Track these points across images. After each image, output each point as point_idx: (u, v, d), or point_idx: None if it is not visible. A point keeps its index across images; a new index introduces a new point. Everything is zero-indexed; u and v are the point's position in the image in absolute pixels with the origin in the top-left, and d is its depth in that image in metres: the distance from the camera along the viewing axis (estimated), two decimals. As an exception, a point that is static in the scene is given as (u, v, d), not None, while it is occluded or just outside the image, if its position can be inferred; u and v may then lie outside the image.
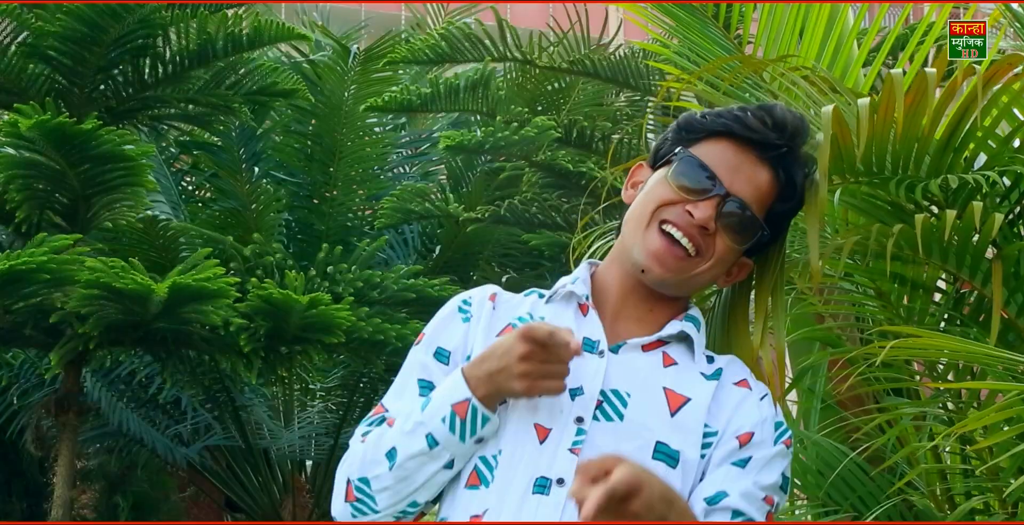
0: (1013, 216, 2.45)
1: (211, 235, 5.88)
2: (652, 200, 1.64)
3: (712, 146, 1.65)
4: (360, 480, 1.58)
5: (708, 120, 1.66)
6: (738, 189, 1.62)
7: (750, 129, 1.63)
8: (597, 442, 1.56)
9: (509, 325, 1.66)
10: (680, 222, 1.61)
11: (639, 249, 1.63)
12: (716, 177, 1.62)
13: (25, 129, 4.59)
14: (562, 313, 1.67)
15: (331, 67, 6.67)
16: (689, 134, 1.67)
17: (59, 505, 5.20)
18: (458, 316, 1.70)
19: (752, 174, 1.64)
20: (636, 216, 1.66)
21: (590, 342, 1.63)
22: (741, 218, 1.62)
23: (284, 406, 7.67)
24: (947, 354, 2.42)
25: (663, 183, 1.65)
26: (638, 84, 6.25)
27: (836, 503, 2.99)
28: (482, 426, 1.54)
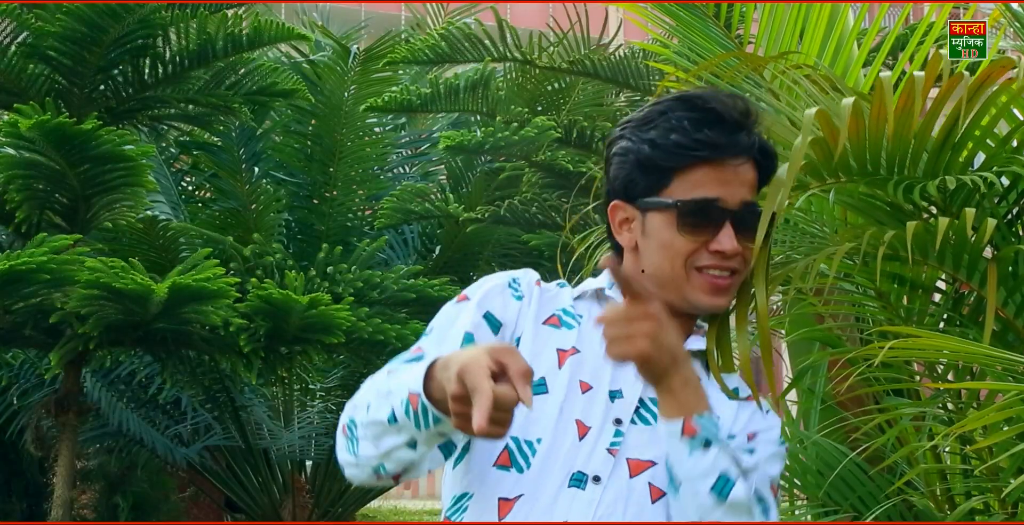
0: (1011, 217, 2.45)
1: (211, 235, 5.89)
2: (676, 255, 1.63)
3: (692, 175, 1.63)
4: (349, 419, 1.58)
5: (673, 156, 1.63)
6: (739, 197, 1.63)
7: (721, 149, 1.62)
8: (632, 444, 1.59)
9: (554, 316, 1.67)
10: (714, 263, 1.62)
11: (694, 295, 1.63)
12: (716, 202, 1.61)
13: (25, 129, 4.59)
14: (594, 312, 1.67)
15: (331, 67, 6.68)
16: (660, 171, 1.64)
17: (59, 505, 5.21)
18: (509, 291, 1.67)
19: (740, 177, 1.64)
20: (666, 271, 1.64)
21: None
22: (754, 220, 1.62)
23: (284, 406, 7.67)
24: (947, 354, 2.42)
25: (674, 234, 1.63)
26: (638, 84, 6.25)
27: (836, 503, 2.99)
28: (435, 423, 1.49)
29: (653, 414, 1.61)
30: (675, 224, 1.63)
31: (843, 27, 2.96)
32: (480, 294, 1.67)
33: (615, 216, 1.70)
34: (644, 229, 1.66)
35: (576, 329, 1.67)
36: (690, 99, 1.66)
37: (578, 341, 1.65)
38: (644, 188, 1.66)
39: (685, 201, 1.62)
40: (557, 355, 1.64)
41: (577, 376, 1.62)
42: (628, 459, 1.59)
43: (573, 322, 1.68)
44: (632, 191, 1.67)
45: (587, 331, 1.66)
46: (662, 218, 1.64)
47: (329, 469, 7.45)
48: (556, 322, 1.67)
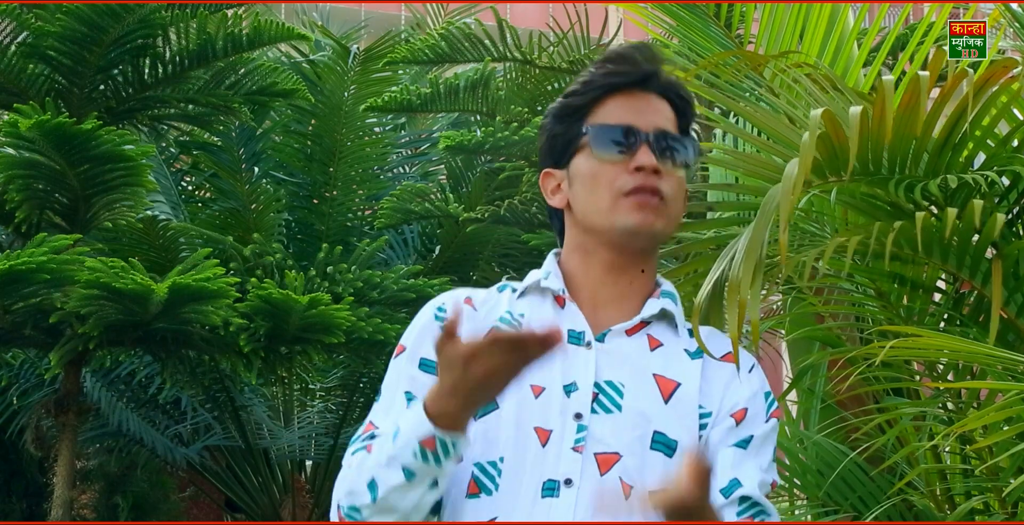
0: (1012, 216, 2.45)
1: (211, 235, 5.88)
2: (600, 182, 1.64)
3: (602, 109, 1.68)
4: (349, 508, 1.56)
5: (582, 95, 1.70)
6: (654, 124, 1.66)
7: (624, 75, 1.68)
8: (597, 435, 1.56)
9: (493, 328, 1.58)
10: (637, 182, 1.62)
11: (622, 218, 1.62)
12: (630, 126, 1.65)
13: (25, 129, 4.59)
14: (539, 307, 1.66)
15: (331, 67, 6.67)
16: (572, 116, 1.70)
17: (59, 505, 5.20)
18: (435, 325, 1.65)
19: (652, 107, 1.68)
20: (594, 202, 1.65)
21: (575, 334, 1.62)
22: (675, 145, 1.66)
23: (284, 406, 7.67)
24: (947, 354, 2.42)
25: (594, 163, 1.66)
26: (638, 84, 6.24)
27: (836, 503, 2.99)
28: (455, 450, 1.50)
29: (612, 399, 1.58)
30: (592, 151, 1.66)
31: (843, 27, 2.97)
32: (411, 340, 1.67)
33: (546, 185, 1.73)
34: (570, 180, 1.69)
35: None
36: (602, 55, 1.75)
37: None
38: (564, 140, 1.70)
39: (596, 125, 1.66)
40: None
41: (527, 382, 1.56)
42: (596, 455, 1.56)
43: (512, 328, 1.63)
44: (555, 150, 1.72)
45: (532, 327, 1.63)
46: (582, 157, 1.68)
47: (329, 469, 7.44)
48: None
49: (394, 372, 1.67)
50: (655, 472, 1.56)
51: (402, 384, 1.64)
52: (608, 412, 1.58)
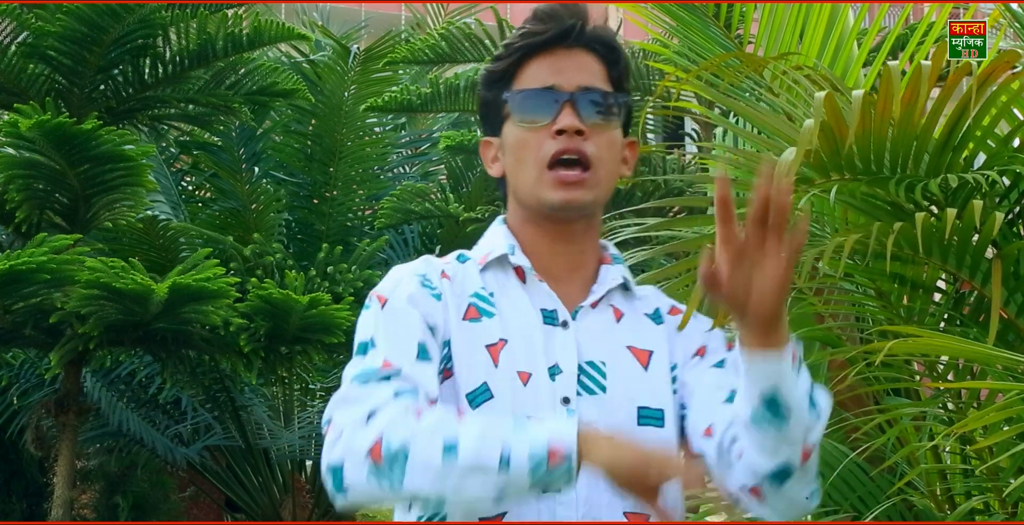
0: (1012, 216, 2.45)
1: (211, 235, 5.88)
2: (524, 151, 1.61)
3: (525, 72, 1.63)
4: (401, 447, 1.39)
5: (505, 58, 1.65)
6: (576, 82, 1.61)
7: (542, 34, 1.62)
8: (587, 418, 1.52)
9: (471, 306, 1.59)
10: (560, 147, 1.58)
11: (546, 194, 1.59)
12: (550, 87, 1.61)
13: (25, 129, 4.59)
14: (504, 283, 1.62)
15: (331, 67, 6.67)
16: (498, 82, 1.65)
17: (59, 505, 5.20)
18: (426, 292, 1.57)
19: (575, 63, 1.63)
20: (520, 174, 1.62)
21: (548, 313, 1.60)
22: (599, 101, 1.61)
23: (284, 406, 7.67)
24: (947, 353, 2.42)
25: (518, 131, 1.62)
26: (638, 84, 6.24)
27: (836, 503, 2.99)
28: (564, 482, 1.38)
29: (595, 380, 1.57)
30: (514, 118, 1.62)
31: (843, 27, 2.97)
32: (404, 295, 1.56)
33: (486, 154, 1.70)
34: (503, 148, 1.66)
35: (496, 316, 1.59)
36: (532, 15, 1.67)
37: (502, 329, 1.58)
38: (493, 109, 1.66)
39: (515, 91, 1.62)
40: (488, 353, 1.56)
41: (513, 368, 1.55)
42: None
43: (490, 307, 1.59)
44: (488, 120, 1.68)
45: (506, 311, 1.59)
46: (509, 126, 1.64)
47: (329, 469, 7.43)
48: (475, 314, 1.58)
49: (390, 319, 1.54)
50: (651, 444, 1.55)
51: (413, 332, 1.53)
52: (592, 394, 1.56)
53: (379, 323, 1.55)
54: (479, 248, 1.67)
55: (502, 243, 1.65)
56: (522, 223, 1.66)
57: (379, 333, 1.54)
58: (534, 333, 1.57)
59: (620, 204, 6.12)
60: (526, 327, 1.58)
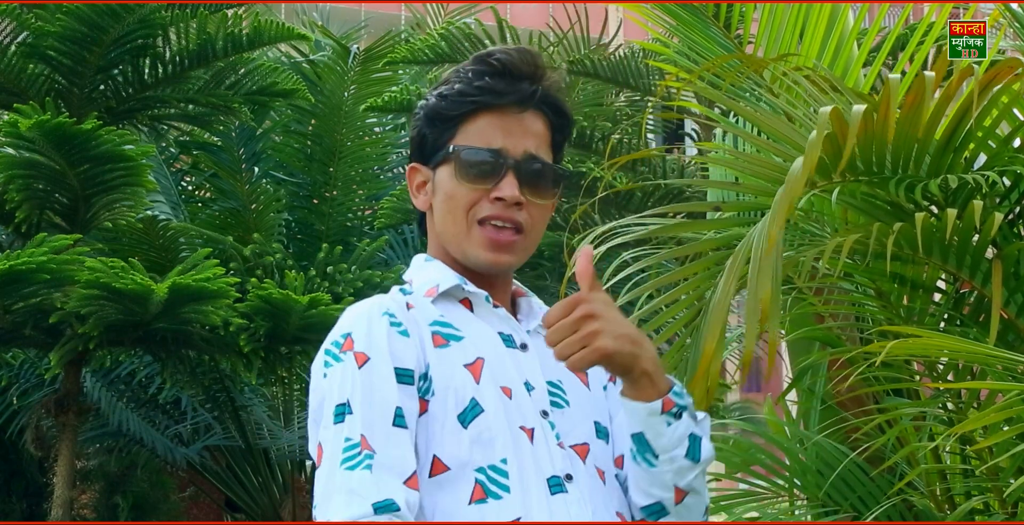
0: (1013, 216, 2.45)
1: (211, 235, 5.88)
2: (458, 206, 1.62)
3: (474, 124, 1.63)
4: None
5: (455, 104, 1.64)
6: (523, 148, 1.62)
7: (500, 94, 1.62)
8: (563, 430, 1.59)
9: (436, 334, 1.59)
10: (495, 213, 1.60)
11: (474, 251, 1.62)
12: (498, 151, 1.61)
13: (25, 129, 4.59)
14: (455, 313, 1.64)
15: (331, 67, 6.67)
16: (445, 123, 1.65)
17: (59, 505, 5.20)
18: (394, 331, 1.56)
19: (524, 127, 1.63)
20: (450, 224, 1.64)
21: (505, 337, 1.63)
22: (541, 173, 1.63)
23: (284, 406, 7.66)
24: (947, 354, 2.42)
25: (455, 183, 1.63)
26: (638, 84, 6.25)
27: (836, 503, 2.99)
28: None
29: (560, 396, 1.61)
30: (455, 172, 1.62)
31: (843, 27, 2.97)
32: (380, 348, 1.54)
33: (413, 179, 1.70)
34: (434, 187, 1.66)
35: (464, 339, 1.59)
36: (482, 56, 1.67)
37: (475, 349, 1.59)
38: (432, 144, 1.66)
39: (463, 146, 1.62)
40: (469, 372, 1.56)
41: (496, 383, 1.56)
42: (572, 447, 1.58)
43: (454, 332, 1.60)
44: (424, 150, 1.68)
45: (472, 334, 1.61)
46: (446, 170, 1.64)
47: (329, 469, 7.44)
48: (442, 340, 1.59)
49: (367, 383, 1.52)
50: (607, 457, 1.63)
51: (388, 398, 1.51)
52: (560, 408, 1.61)
53: (355, 387, 1.52)
54: (418, 284, 1.67)
55: (447, 276, 1.65)
56: (447, 260, 1.68)
57: (355, 398, 1.51)
58: (503, 354, 1.61)
59: (620, 205, 6.12)
60: (495, 348, 1.61)
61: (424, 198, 1.68)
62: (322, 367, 1.58)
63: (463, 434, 1.52)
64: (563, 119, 1.68)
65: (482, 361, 1.57)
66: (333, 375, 1.55)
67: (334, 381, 1.54)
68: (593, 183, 5.09)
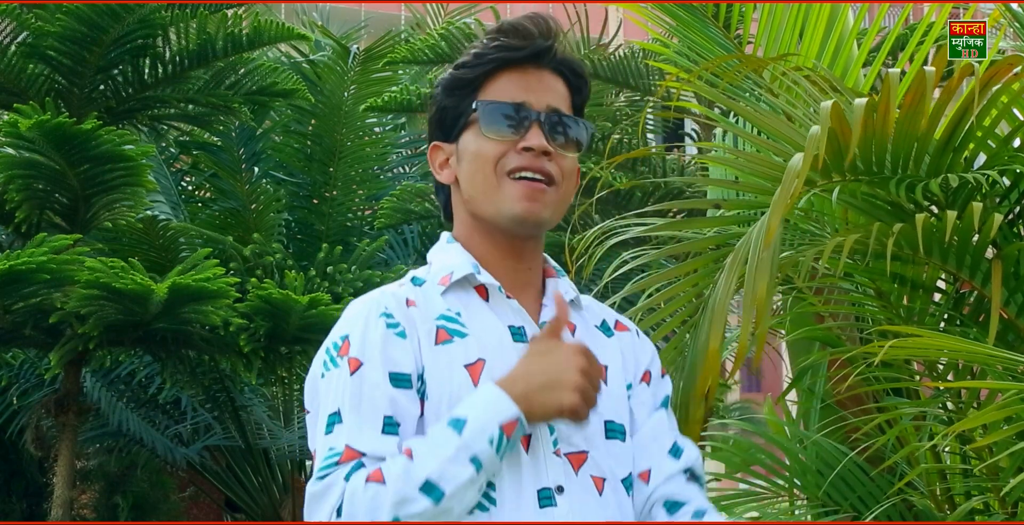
0: (1013, 216, 2.45)
1: (211, 235, 5.88)
2: (486, 161, 1.60)
3: (495, 84, 1.63)
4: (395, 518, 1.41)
5: (473, 68, 1.64)
6: (546, 103, 1.62)
7: (516, 50, 1.62)
8: (564, 434, 1.55)
9: (440, 329, 1.57)
10: (524, 163, 1.58)
11: (507, 204, 1.59)
12: (521, 104, 1.60)
13: (25, 129, 4.59)
14: (468, 303, 1.61)
15: (331, 67, 6.67)
16: (462, 90, 1.64)
17: (59, 505, 5.20)
18: (391, 333, 1.55)
19: (545, 84, 1.64)
20: (479, 182, 1.61)
21: (516, 330, 1.60)
22: (566, 125, 1.63)
23: (284, 406, 7.66)
24: (947, 354, 2.42)
25: (482, 140, 1.61)
26: (638, 84, 6.25)
27: (836, 503, 2.99)
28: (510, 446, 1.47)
29: None
30: (481, 128, 1.60)
31: (843, 27, 2.97)
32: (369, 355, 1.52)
33: (434, 159, 1.69)
34: (458, 156, 1.64)
35: (468, 336, 1.57)
36: (495, 26, 1.68)
37: (479, 348, 1.56)
38: (453, 113, 1.65)
39: (486, 101, 1.61)
40: (468, 373, 1.54)
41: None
42: (568, 455, 1.55)
43: (460, 328, 1.57)
44: (444, 124, 1.66)
45: (476, 330, 1.58)
46: (471, 133, 1.62)
47: (329, 469, 7.44)
48: (446, 336, 1.56)
49: (356, 391, 1.51)
50: (617, 459, 1.60)
51: (378, 405, 1.49)
52: None
53: (346, 395, 1.51)
54: (435, 269, 1.66)
55: (462, 262, 1.64)
56: (472, 236, 1.65)
57: (345, 406, 1.51)
58: (507, 351, 1.57)
59: (620, 205, 6.12)
60: (499, 345, 1.57)
61: (448, 171, 1.66)
62: (321, 367, 1.57)
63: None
64: (581, 80, 1.68)
65: (482, 363, 1.54)
66: (329, 381, 1.55)
67: (329, 387, 1.54)
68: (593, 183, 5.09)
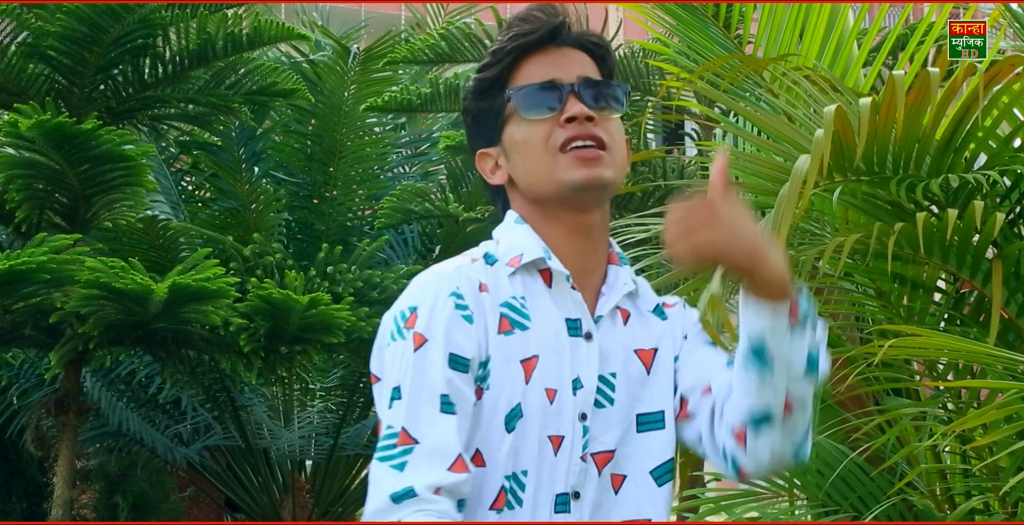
0: (1013, 216, 2.45)
1: (211, 235, 5.88)
2: (535, 143, 1.59)
3: (520, 73, 1.63)
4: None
5: (496, 64, 1.64)
6: (575, 74, 1.62)
7: (531, 33, 1.63)
8: (595, 434, 1.56)
9: (504, 317, 1.56)
10: (572, 133, 1.58)
11: (567, 175, 1.57)
12: (551, 81, 1.61)
13: (25, 129, 4.59)
14: (533, 287, 1.59)
15: (331, 67, 6.67)
16: (491, 89, 1.64)
17: (59, 505, 5.20)
18: (459, 315, 1.53)
19: (569, 60, 1.64)
20: (534, 166, 1.60)
21: (572, 323, 1.58)
22: (602, 89, 1.62)
23: (284, 406, 7.66)
24: (947, 354, 2.42)
25: (524, 127, 1.61)
26: (638, 84, 6.25)
27: (836, 503, 2.99)
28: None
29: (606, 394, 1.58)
30: (519, 115, 1.61)
31: (843, 27, 2.97)
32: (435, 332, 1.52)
33: (484, 166, 1.67)
34: (506, 153, 1.64)
35: (530, 329, 1.56)
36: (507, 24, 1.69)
37: (535, 343, 1.56)
38: (488, 114, 1.65)
39: (517, 88, 1.62)
40: (522, 369, 1.54)
41: (542, 385, 1.54)
42: (593, 455, 1.56)
43: (523, 320, 1.56)
44: (481, 127, 1.67)
45: (537, 321, 1.57)
46: (512, 125, 1.63)
47: (329, 469, 7.44)
48: (508, 327, 1.55)
49: (418, 368, 1.51)
50: (650, 452, 1.60)
51: (435, 384, 1.50)
52: (602, 407, 1.57)
53: (408, 371, 1.52)
54: (503, 248, 1.62)
55: (533, 245, 1.60)
56: (540, 225, 1.62)
57: (405, 383, 1.51)
58: (563, 347, 1.57)
59: (620, 205, 6.12)
60: (554, 341, 1.57)
61: (501, 172, 1.65)
62: (388, 336, 1.57)
63: (506, 438, 1.52)
64: (603, 49, 1.68)
65: (536, 359, 1.54)
66: (394, 352, 1.55)
67: (394, 358, 1.54)
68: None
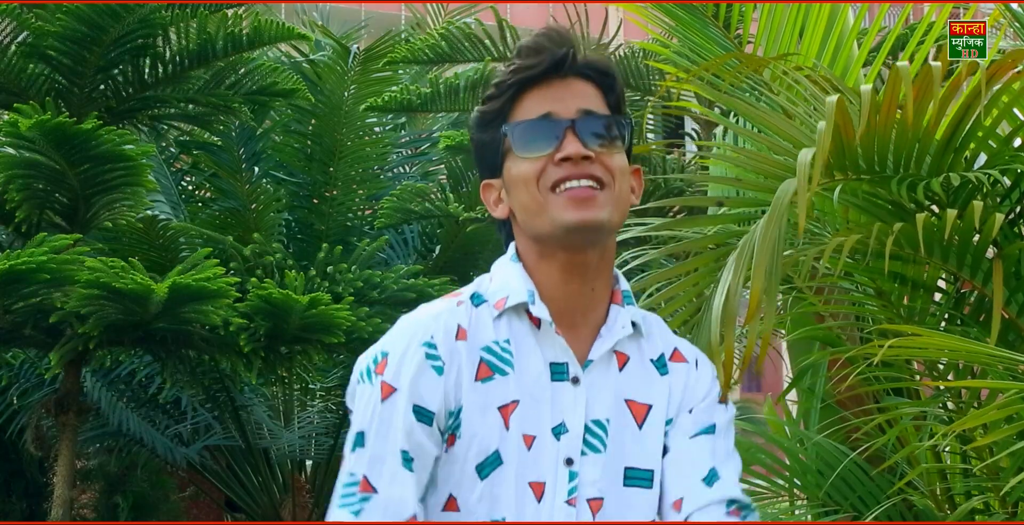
0: (1014, 215, 2.45)
1: (211, 235, 5.88)
2: (528, 181, 1.54)
3: (521, 106, 1.58)
4: None
5: (498, 97, 1.60)
6: (575, 108, 1.56)
7: (533, 66, 1.57)
8: (587, 480, 1.52)
9: (483, 363, 1.53)
10: (564, 173, 1.53)
11: (558, 215, 1.52)
12: (547, 114, 1.55)
13: (25, 129, 4.59)
14: (519, 330, 1.56)
15: (331, 67, 6.67)
16: (492, 122, 1.60)
17: (59, 505, 5.20)
18: (428, 365, 1.51)
19: (572, 91, 1.58)
20: (528, 204, 1.55)
21: (558, 367, 1.55)
22: (601, 124, 1.56)
23: (284, 406, 7.67)
24: (947, 354, 2.42)
25: (520, 164, 1.56)
26: (638, 84, 6.25)
27: (836, 503, 2.99)
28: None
29: (599, 438, 1.53)
30: (515, 151, 1.56)
31: (843, 27, 2.97)
32: (402, 382, 1.50)
33: (488, 197, 1.64)
34: (507, 187, 1.60)
35: (510, 374, 1.53)
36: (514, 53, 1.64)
37: (516, 388, 1.52)
38: (490, 147, 1.61)
39: (513, 123, 1.57)
40: (500, 416, 1.51)
41: (520, 431, 1.51)
42: (589, 500, 1.52)
43: (504, 365, 1.53)
44: (486, 159, 1.62)
45: (521, 365, 1.53)
46: (511, 162, 1.58)
47: (329, 469, 7.44)
48: (488, 372, 1.52)
49: (383, 417, 1.50)
50: (635, 508, 1.55)
51: (397, 438, 1.49)
52: (596, 452, 1.54)
53: (373, 419, 1.51)
54: (494, 287, 1.60)
55: (520, 288, 1.57)
56: (538, 264, 1.58)
57: (370, 431, 1.50)
58: (543, 391, 1.53)
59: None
60: (536, 385, 1.53)
61: (503, 206, 1.61)
62: (359, 375, 1.55)
63: (478, 485, 1.50)
64: (610, 79, 1.60)
65: (515, 405, 1.52)
66: (362, 395, 1.53)
67: (362, 402, 1.53)
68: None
